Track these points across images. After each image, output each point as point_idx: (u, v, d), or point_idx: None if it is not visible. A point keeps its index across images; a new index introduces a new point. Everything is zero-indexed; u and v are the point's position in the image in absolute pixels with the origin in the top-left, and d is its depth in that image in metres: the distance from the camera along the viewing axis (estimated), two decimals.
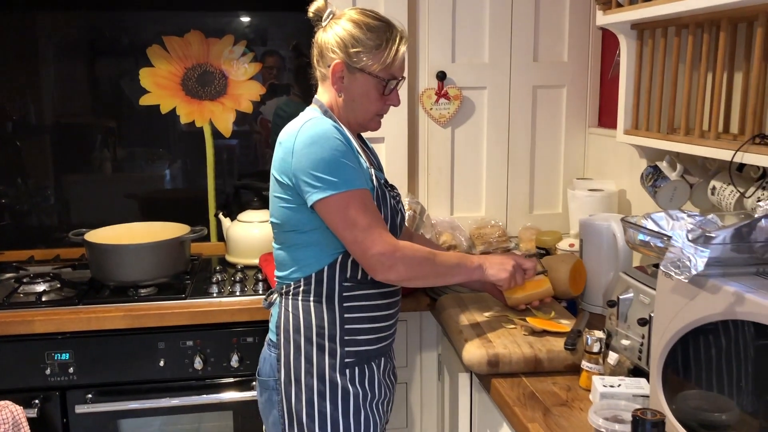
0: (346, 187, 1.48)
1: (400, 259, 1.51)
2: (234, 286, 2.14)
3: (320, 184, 1.48)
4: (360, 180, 1.51)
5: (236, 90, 2.60)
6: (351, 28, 1.55)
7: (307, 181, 1.49)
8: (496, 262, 1.67)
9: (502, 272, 1.66)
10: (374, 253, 1.49)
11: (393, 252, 1.50)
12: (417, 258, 1.55)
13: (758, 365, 1.06)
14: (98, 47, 2.53)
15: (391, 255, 1.50)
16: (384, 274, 1.52)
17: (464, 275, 1.65)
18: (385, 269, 1.51)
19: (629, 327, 1.52)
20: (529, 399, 1.45)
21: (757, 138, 1.44)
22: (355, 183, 1.50)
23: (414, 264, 1.54)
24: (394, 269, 1.51)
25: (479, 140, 2.52)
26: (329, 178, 1.47)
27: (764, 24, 1.44)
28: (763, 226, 1.13)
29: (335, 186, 1.47)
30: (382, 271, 1.52)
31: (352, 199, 1.49)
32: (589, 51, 2.51)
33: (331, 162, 1.48)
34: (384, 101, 1.62)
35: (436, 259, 1.58)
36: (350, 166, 1.50)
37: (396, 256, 1.51)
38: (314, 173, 1.48)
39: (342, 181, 1.48)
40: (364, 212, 1.49)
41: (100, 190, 2.62)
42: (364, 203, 1.50)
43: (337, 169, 1.48)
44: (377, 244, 1.49)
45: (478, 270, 1.65)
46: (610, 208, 2.27)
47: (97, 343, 1.98)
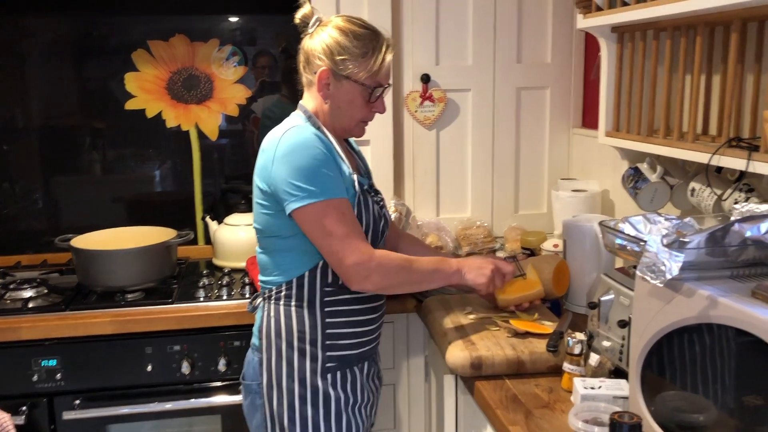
0: (324, 196, 1.49)
1: (375, 269, 1.52)
2: (221, 290, 2.15)
3: (298, 192, 1.49)
4: (338, 189, 1.52)
5: (222, 93, 2.60)
6: (337, 36, 1.56)
7: (286, 189, 1.50)
8: (475, 267, 1.67)
9: (481, 277, 1.66)
10: (349, 264, 1.50)
11: (368, 262, 1.51)
12: (393, 267, 1.56)
13: (734, 366, 1.08)
14: (84, 51, 2.52)
15: (366, 265, 1.51)
16: (359, 284, 1.54)
17: (442, 281, 1.66)
18: (361, 279, 1.52)
19: (610, 328, 1.54)
20: (511, 401, 1.47)
21: (733, 141, 1.46)
22: (333, 192, 1.51)
23: (390, 273, 1.55)
24: (369, 279, 1.53)
25: (464, 142, 2.54)
26: (307, 187, 1.48)
27: (738, 29, 1.46)
28: (736, 230, 1.15)
29: (313, 195, 1.48)
30: (357, 281, 1.53)
31: (329, 208, 1.50)
32: (572, 52, 2.53)
33: (309, 171, 1.49)
34: (369, 108, 1.63)
35: (413, 267, 1.59)
36: (329, 176, 1.51)
37: (371, 266, 1.51)
38: (292, 182, 1.49)
39: (320, 191, 1.49)
40: (341, 222, 1.50)
41: (87, 194, 2.61)
42: (341, 212, 1.51)
43: (316, 178, 1.49)
44: (352, 255, 1.50)
45: (456, 275, 1.65)
46: (593, 208, 2.29)
47: (85, 348, 1.98)
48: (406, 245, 1.91)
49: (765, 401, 1.05)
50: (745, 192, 1.54)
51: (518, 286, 1.78)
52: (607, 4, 1.80)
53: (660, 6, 1.55)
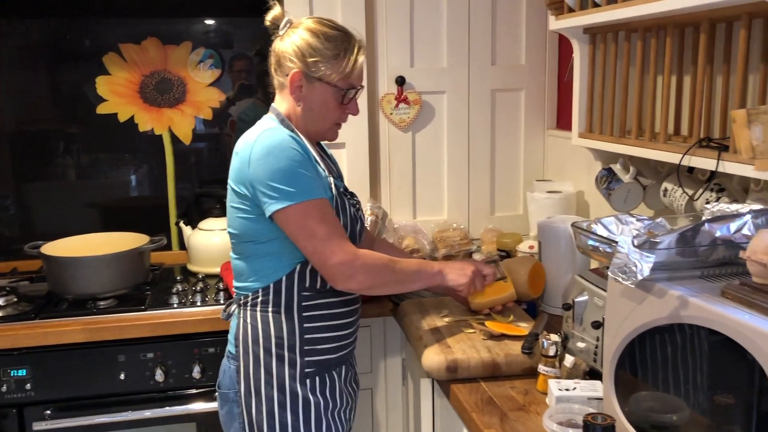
0: (304, 197, 1.48)
1: (360, 268, 1.51)
2: (195, 296, 2.13)
3: (277, 194, 1.47)
4: (318, 189, 1.51)
5: (196, 97, 2.57)
6: (308, 38, 1.55)
7: (265, 191, 1.48)
8: (456, 268, 1.68)
9: (462, 277, 1.67)
10: (334, 263, 1.49)
11: (352, 261, 1.50)
12: (377, 266, 1.55)
13: (706, 365, 1.08)
14: (56, 54, 2.48)
15: (350, 264, 1.50)
16: (344, 284, 1.53)
17: (425, 281, 1.66)
18: (345, 278, 1.51)
19: (584, 329, 1.54)
20: (486, 404, 1.47)
21: (704, 141, 1.47)
22: (313, 193, 1.49)
23: (374, 272, 1.54)
24: (354, 278, 1.52)
25: (440, 144, 2.54)
26: (287, 189, 1.47)
27: (707, 30, 1.47)
28: (706, 229, 1.16)
29: (293, 196, 1.47)
30: (342, 280, 1.52)
31: (310, 209, 1.49)
32: (546, 54, 2.54)
33: (288, 172, 1.47)
34: (343, 110, 1.62)
35: (396, 267, 1.59)
36: (308, 176, 1.50)
37: (355, 266, 1.51)
38: (271, 184, 1.47)
39: (299, 191, 1.47)
40: (323, 222, 1.49)
41: (60, 200, 2.57)
42: (323, 212, 1.50)
43: (294, 179, 1.48)
44: (337, 254, 1.49)
45: (438, 276, 1.66)
46: (568, 209, 2.30)
47: (55, 357, 1.95)
48: (381, 250, 1.90)
49: (736, 400, 1.05)
50: (716, 192, 1.55)
51: (491, 289, 1.78)
52: (579, 6, 1.81)
53: (630, 7, 1.56)
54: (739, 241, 1.16)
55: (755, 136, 1.06)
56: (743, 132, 1.09)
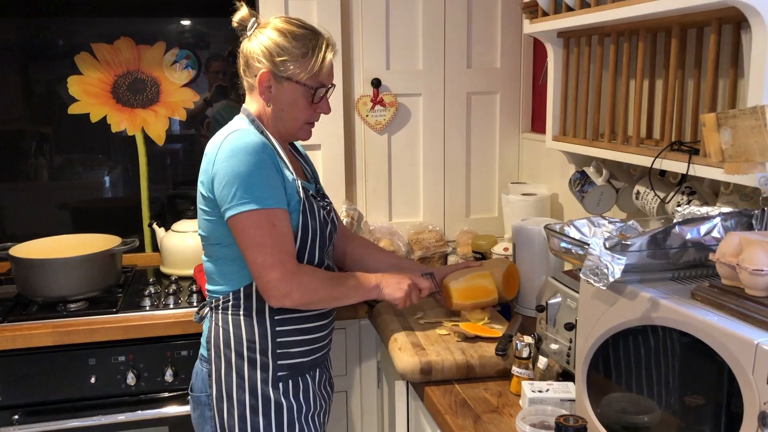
0: (257, 204, 1.46)
1: (297, 287, 1.49)
2: (167, 299, 2.10)
3: (233, 199, 1.46)
4: (275, 199, 1.49)
5: (169, 97, 2.55)
6: (276, 37, 1.54)
7: (223, 194, 1.47)
8: (393, 282, 1.67)
9: (398, 291, 1.66)
10: (270, 279, 1.47)
11: (290, 279, 1.48)
12: (314, 284, 1.53)
13: (677, 367, 1.09)
14: (28, 54, 2.44)
15: (288, 281, 1.48)
16: (278, 301, 1.50)
17: (362, 296, 1.65)
18: (280, 296, 1.49)
19: (557, 331, 1.55)
20: (460, 406, 1.47)
21: (675, 144, 1.49)
22: (267, 202, 1.47)
23: (310, 290, 1.52)
24: (288, 296, 1.50)
25: (415, 146, 2.54)
26: (242, 194, 1.45)
27: (678, 35, 1.49)
28: (677, 232, 1.17)
29: (246, 203, 1.45)
30: (276, 297, 1.50)
31: (261, 218, 1.47)
32: (521, 58, 2.56)
33: (246, 177, 1.46)
34: (314, 109, 1.61)
35: (334, 283, 1.58)
36: (266, 184, 1.48)
37: (293, 284, 1.49)
38: (230, 187, 1.46)
39: (254, 199, 1.46)
40: (270, 233, 1.47)
41: (31, 201, 2.53)
42: (272, 224, 1.48)
43: (252, 185, 1.46)
44: (276, 269, 1.47)
45: (375, 290, 1.65)
46: (543, 212, 2.31)
47: (24, 361, 1.91)
48: (357, 248, 1.90)
49: (706, 400, 1.06)
50: (687, 195, 1.56)
51: (474, 293, 1.78)
52: (553, 10, 1.82)
53: (602, 11, 1.57)
54: (709, 244, 1.17)
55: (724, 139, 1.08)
56: (713, 135, 1.10)
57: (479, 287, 1.79)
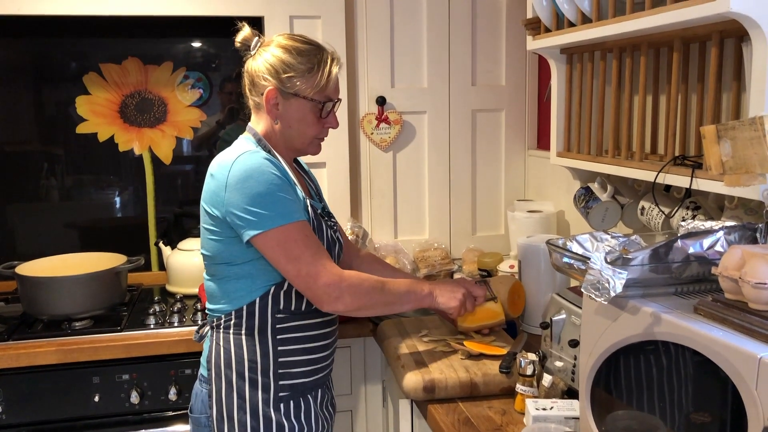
0: (285, 220, 1.46)
1: (347, 289, 1.49)
2: (172, 317, 2.10)
3: (257, 219, 1.45)
4: (298, 212, 1.50)
5: (176, 117, 2.57)
6: (281, 54, 1.54)
7: (243, 216, 1.46)
8: (447, 290, 1.66)
9: (453, 300, 1.65)
10: (320, 285, 1.47)
11: (339, 282, 1.48)
12: (364, 287, 1.53)
13: (682, 383, 1.07)
14: (37, 74, 2.47)
15: (337, 286, 1.48)
16: (331, 305, 1.50)
17: (414, 303, 1.64)
18: (332, 300, 1.49)
19: (562, 348, 1.53)
20: (464, 425, 1.45)
21: (678, 159, 1.48)
22: (294, 216, 1.48)
23: (361, 294, 1.52)
24: (341, 300, 1.49)
25: (421, 164, 2.54)
26: (266, 213, 1.45)
27: (680, 49, 1.48)
28: (679, 246, 1.15)
29: (273, 220, 1.45)
30: (329, 302, 1.50)
31: (292, 232, 1.47)
32: (526, 74, 2.56)
33: (267, 196, 1.45)
34: (322, 124, 1.61)
35: (385, 288, 1.57)
36: (288, 199, 1.48)
37: (342, 287, 1.49)
38: (250, 208, 1.45)
39: (280, 215, 1.46)
40: (306, 244, 1.47)
41: (40, 220, 2.54)
42: (305, 235, 1.48)
43: (275, 202, 1.46)
44: (322, 276, 1.47)
45: (428, 297, 1.64)
46: (549, 229, 2.30)
47: (28, 379, 1.91)
48: (365, 264, 1.88)
49: (712, 418, 1.04)
50: (691, 210, 1.55)
51: (481, 312, 1.77)
52: (555, 26, 1.82)
53: (604, 27, 1.57)
54: (712, 258, 1.15)
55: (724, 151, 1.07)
56: (713, 148, 1.09)
57: (486, 310, 1.78)
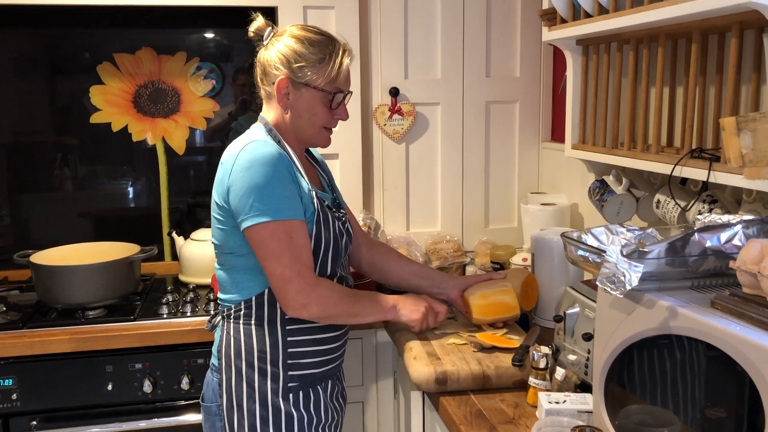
0: (275, 216, 1.46)
1: (315, 299, 1.50)
2: (185, 307, 2.10)
3: (250, 210, 1.46)
4: (292, 210, 1.49)
5: (190, 107, 2.57)
6: (293, 44, 1.54)
7: (240, 205, 1.47)
8: (409, 304, 1.69)
9: (415, 313, 1.68)
10: (290, 289, 1.48)
11: (310, 291, 1.49)
12: (332, 299, 1.54)
13: (697, 378, 1.06)
14: (51, 64, 2.48)
15: (307, 293, 1.49)
16: (296, 311, 1.51)
17: (378, 315, 1.66)
18: (298, 307, 1.50)
19: (576, 342, 1.52)
20: (476, 417, 1.44)
21: (695, 152, 1.46)
22: (285, 213, 1.47)
23: (328, 305, 1.53)
24: (306, 308, 1.50)
25: (434, 156, 2.53)
26: (259, 206, 1.45)
27: (698, 41, 1.46)
28: (696, 239, 1.14)
29: (264, 214, 1.45)
30: (294, 308, 1.50)
31: (278, 230, 1.47)
32: (541, 66, 2.54)
33: (263, 189, 1.46)
34: (332, 115, 1.60)
35: (352, 300, 1.59)
36: (284, 196, 1.48)
37: (312, 296, 1.50)
38: (246, 199, 1.46)
39: (271, 210, 1.46)
40: (288, 245, 1.47)
41: (54, 210, 2.55)
42: (290, 235, 1.48)
43: (270, 197, 1.46)
44: (294, 282, 1.48)
45: (392, 311, 1.66)
46: (562, 222, 2.28)
47: (42, 367, 1.93)
48: (377, 255, 1.87)
49: (728, 413, 1.03)
50: (708, 203, 1.53)
51: (495, 309, 1.76)
52: (571, 17, 1.80)
53: (622, 17, 1.55)
54: (730, 252, 1.14)
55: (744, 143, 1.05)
56: (732, 140, 1.07)
57: (501, 303, 1.77)
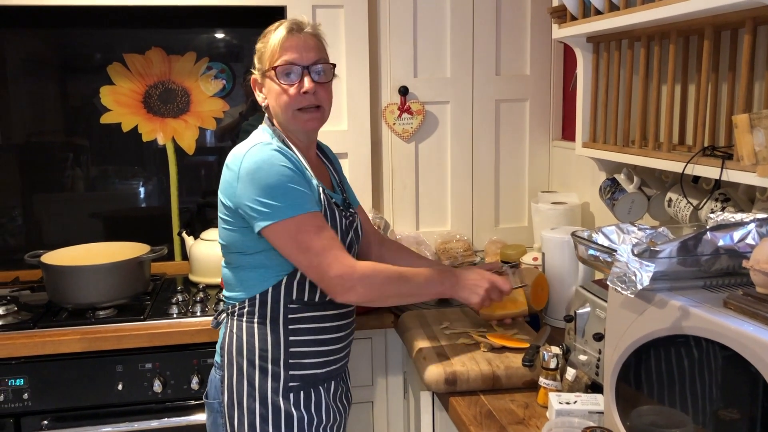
0: (295, 211, 1.46)
1: (359, 280, 1.48)
2: (194, 306, 2.11)
3: (267, 210, 1.45)
4: (310, 203, 1.49)
5: (199, 107, 2.57)
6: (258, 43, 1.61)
7: (254, 207, 1.46)
8: (470, 285, 1.61)
9: (474, 296, 1.61)
10: (332, 276, 1.46)
11: (351, 273, 1.47)
12: (379, 278, 1.51)
13: (710, 379, 1.05)
14: (61, 65, 2.49)
15: (349, 276, 1.47)
16: (344, 296, 1.49)
17: (434, 294, 1.61)
18: (345, 291, 1.48)
19: (586, 342, 1.51)
20: (485, 418, 1.43)
21: (708, 149, 1.44)
22: (305, 206, 1.47)
23: (375, 285, 1.50)
24: (353, 291, 1.48)
25: (443, 154, 2.52)
26: (276, 204, 1.45)
27: (711, 37, 1.44)
28: (709, 238, 1.13)
29: (283, 212, 1.45)
30: (341, 292, 1.48)
31: (303, 223, 1.46)
32: (551, 64, 2.52)
33: (277, 187, 1.45)
34: (294, 92, 1.53)
35: (402, 278, 1.54)
36: (298, 190, 1.47)
37: (354, 278, 1.47)
38: (260, 199, 1.45)
39: (290, 206, 1.45)
40: (317, 235, 1.46)
41: (65, 210, 2.57)
42: (317, 225, 1.47)
43: (285, 194, 1.45)
44: (333, 267, 1.46)
45: (448, 290, 1.61)
46: (573, 220, 2.27)
47: (53, 367, 1.93)
48: (390, 253, 1.86)
49: (741, 414, 1.01)
50: (720, 201, 1.51)
51: (504, 303, 1.74)
52: (581, 14, 1.79)
53: (632, 14, 1.54)
54: (743, 251, 1.12)
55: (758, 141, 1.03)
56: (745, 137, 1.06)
57: (509, 298, 1.75)
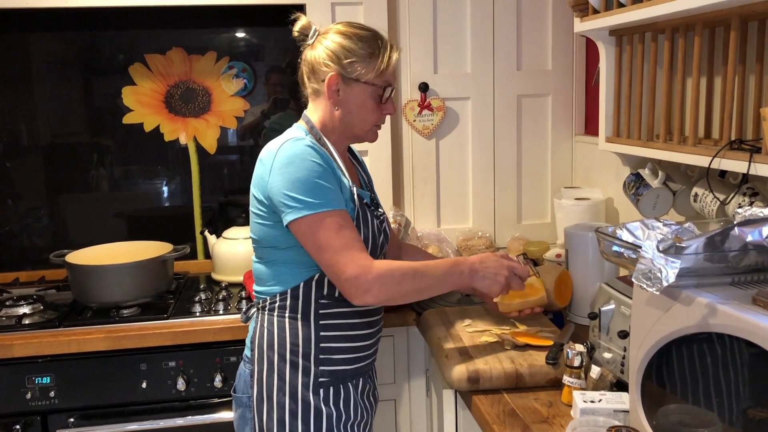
0: (321, 208, 1.46)
1: (375, 281, 1.45)
2: (217, 305, 2.12)
3: (295, 204, 1.45)
4: (337, 200, 1.49)
5: (220, 106, 2.58)
6: (341, 40, 1.55)
7: (283, 201, 1.47)
8: (489, 273, 1.57)
9: (495, 286, 1.57)
10: (347, 278, 1.45)
11: (366, 275, 1.45)
12: (394, 278, 1.48)
13: (738, 377, 1.03)
14: (84, 66, 2.51)
15: (364, 278, 1.45)
16: (360, 298, 1.47)
17: (452, 286, 1.59)
18: (361, 293, 1.46)
19: (611, 339, 1.49)
20: (509, 416, 1.42)
21: (735, 143, 1.41)
22: (331, 203, 1.47)
23: (391, 285, 1.48)
24: (369, 293, 1.46)
25: (464, 151, 2.50)
26: (304, 199, 1.45)
27: (737, 28, 1.41)
28: (736, 234, 1.10)
29: (309, 207, 1.45)
30: (357, 295, 1.47)
31: (326, 220, 1.46)
32: (573, 58, 2.49)
33: (306, 182, 1.46)
34: (381, 110, 1.60)
35: (418, 275, 1.52)
36: (327, 187, 1.47)
37: (369, 279, 1.45)
38: (289, 193, 1.46)
39: (316, 202, 1.45)
40: (338, 234, 1.46)
41: (89, 210, 2.59)
42: (339, 224, 1.47)
43: (312, 189, 1.46)
44: (349, 268, 1.45)
45: (467, 281, 1.57)
46: (597, 216, 2.24)
47: (79, 365, 1.95)
48: (406, 256, 1.88)
49: None
50: (748, 196, 1.48)
51: (521, 291, 1.71)
52: (603, 6, 1.76)
53: (656, 6, 1.51)
54: None
55: None
56: None
57: (526, 285, 1.71)
